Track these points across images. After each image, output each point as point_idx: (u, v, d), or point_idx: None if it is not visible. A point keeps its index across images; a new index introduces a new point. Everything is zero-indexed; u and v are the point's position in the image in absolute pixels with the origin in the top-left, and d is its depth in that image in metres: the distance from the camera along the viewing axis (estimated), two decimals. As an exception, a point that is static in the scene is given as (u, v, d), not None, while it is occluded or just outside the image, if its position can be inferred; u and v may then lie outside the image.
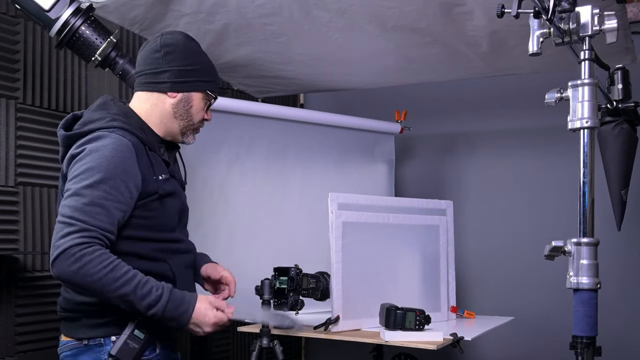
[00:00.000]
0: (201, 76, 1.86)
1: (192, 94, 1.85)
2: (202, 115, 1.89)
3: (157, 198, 1.75)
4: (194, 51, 1.87)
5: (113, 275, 1.56)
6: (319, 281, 2.34)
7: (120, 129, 1.71)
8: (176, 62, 1.82)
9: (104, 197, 1.61)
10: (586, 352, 1.57)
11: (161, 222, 1.78)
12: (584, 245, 1.58)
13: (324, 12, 2.33)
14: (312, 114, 3.15)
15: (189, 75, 1.83)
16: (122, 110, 1.80)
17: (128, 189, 1.66)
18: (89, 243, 1.56)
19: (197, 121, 1.88)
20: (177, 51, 1.83)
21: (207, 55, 1.91)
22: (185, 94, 1.84)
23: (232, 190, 2.83)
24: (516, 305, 3.21)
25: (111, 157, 1.65)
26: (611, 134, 2.33)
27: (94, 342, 1.70)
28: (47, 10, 2.06)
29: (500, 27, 2.29)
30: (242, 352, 3.38)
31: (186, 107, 1.85)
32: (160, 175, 1.77)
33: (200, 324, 1.69)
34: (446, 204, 2.82)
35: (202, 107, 1.88)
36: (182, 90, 1.84)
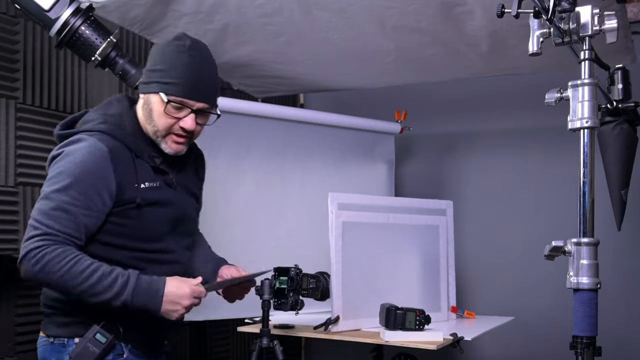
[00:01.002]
0: (159, 77, 1.72)
1: (150, 96, 1.74)
2: (169, 122, 1.73)
3: (135, 206, 1.69)
4: (166, 50, 1.74)
5: (75, 270, 1.55)
6: (319, 281, 2.34)
7: (101, 133, 1.68)
8: (148, 62, 1.77)
9: (70, 203, 1.59)
10: (586, 352, 1.57)
11: (140, 232, 1.72)
12: (584, 245, 1.58)
13: (324, 12, 2.33)
14: (312, 114, 3.15)
15: (150, 76, 1.75)
16: (121, 111, 1.77)
17: (99, 194, 1.63)
18: (49, 245, 1.56)
19: (162, 127, 1.74)
20: (154, 51, 1.78)
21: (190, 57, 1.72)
22: (146, 96, 1.76)
23: (232, 190, 2.83)
24: (516, 305, 3.20)
25: (83, 162, 1.63)
26: (611, 134, 2.33)
27: (58, 341, 1.69)
28: (47, 10, 2.06)
29: (500, 27, 2.29)
30: (242, 352, 3.38)
31: (148, 110, 1.75)
32: (144, 182, 1.71)
33: (177, 300, 1.63)
34: (446, 204, 2.82)
35: (163, 112, 1.71)
36: (143, 91, 1.77)
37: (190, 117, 1.74)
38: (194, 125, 1.75)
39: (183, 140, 1.77)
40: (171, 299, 1.63)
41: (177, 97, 1.70)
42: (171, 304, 1.63)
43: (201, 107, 1.75)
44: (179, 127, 1.74)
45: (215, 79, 1.82)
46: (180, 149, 1.79)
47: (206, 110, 1.77)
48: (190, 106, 1.73)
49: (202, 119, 1.79)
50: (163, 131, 1.75)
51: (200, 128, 1.81)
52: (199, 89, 1.73)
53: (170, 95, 1.70)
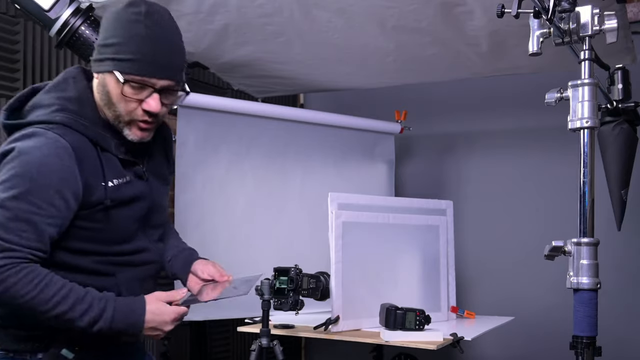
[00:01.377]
0: (113, 53, 1.45)
1: (105, 76, 1.47)
2: (131, 106, 1.48)
3: (103, 209, 1.48)
4: (121, 20, 1.47)
5: (45, 296, 1.36)
6: (319, 281, 2.34)
7: (61, 126, 1.44)
8: (100, 35, 1.50)
9: (31, 212, 1.37)
10: (586, 352, 1.57)
11: (109, 235, 1.52)
12: (584, 245, 1.58)
13: (324, 12, 2.33)
14: (312, 114, 3.15)
15: (102, 51, 1.48)
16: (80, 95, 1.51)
17: (63, 199, 1.41)
18: (12, 264, 1.35)
19: (124, 112, 1.49)
20: (105, 22, 1.50)
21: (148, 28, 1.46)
22: (101, 75, 1.49)
23: (232, 190, 2.83)
24: (516, 305, 3.20)
25: (42, 162, 1.40)
26: (611, 134, 2.33)
27: (20, 356, 1.50)
28: (47, 10, 2.07)
29: (500, 27, 2.29)
30: (242, 352, 3.38)
31: (105, 94, 1.49)
32: (112, 180, 1.49)
33: (158, 326, 1.48)
34: (446, 204, 2.82)
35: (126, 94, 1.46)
36: (96, 70, 1.50)
37: (153, 98, 1.49)
38: (159, 107, 1.50)
39: (149, 125, 1.53)
40: (153, 325, 1.48)
41: (136, 75, 1.45)
42: (152, 330, 1.50)
43: (165, 85, 1.49)
44: (142, 110, 1.49)
45: (179, 50, 1.54)
46: (146, 136, 1.54)
47: (171, 88, 1.52)
48: (152, 85, 1.48)
49: (168, 99, 1.53)
50: (126, 117, 1.50)
51: (166, 109, 1.55)
52: (161, 64, 1.47)
53: (128, 74, 1.45)
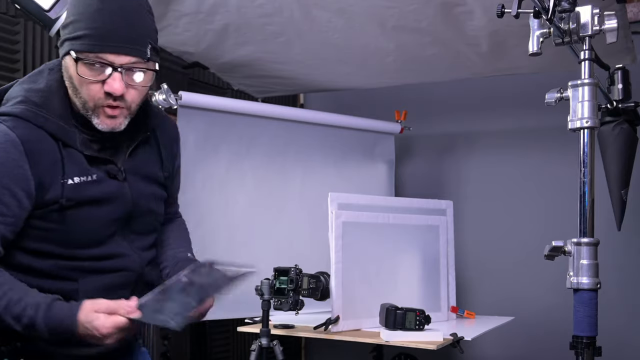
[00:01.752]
0: (69, 32, 1.34)
1: (66, 60, 1.36)
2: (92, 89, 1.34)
3: (58, 208, 1.35)
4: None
5: None
6: (319, 281, 2.34)
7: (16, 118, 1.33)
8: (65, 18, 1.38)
9: None
10: (586, 352, 1.57)
11: (68, 237, 1.38)
12: (584, 245, 1.58)
13: (324, 12, 2.33)
14: (312, 114, 3.15)
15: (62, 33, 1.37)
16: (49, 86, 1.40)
17: (13, 196, 1.30)
18: None
19: (87, 97, 1.35)
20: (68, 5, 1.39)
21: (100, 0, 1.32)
22: (63, 60, 1.38)
23: (232, 190, 2.83)
24: (516, 305, 3.20)
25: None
26: (611, 134, 2.33)
27: None
28: (47, 10, 2.06)
29: (500, 27, 2.29)
30: (242, 352, 3.38)
31: (69, 80, 1.37)
32: (72, 178, 1.36)
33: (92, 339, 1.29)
34: (446, 204, 2.82)
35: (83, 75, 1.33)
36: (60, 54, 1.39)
37: (114, 78, 1.33)
38: (122, 88, 1.34)
39: (117, 111, 1.37)
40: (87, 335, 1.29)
41: (89, 53, 1.32)
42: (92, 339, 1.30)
43: (126, 62, 1.34)
44: (104, 93, 1.34)
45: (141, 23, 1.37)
46: (116, 124, 1.39)
47: (135, 66, 1.36)
48: (109, 63, 1.32)
49: (135, 79, 1.37)
50: (90, 102, 1.36)
51: (138, 92, 1.39)
52: (117, 38, 1.32)
53: (80, 52, 1.32)
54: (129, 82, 1.36)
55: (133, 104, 1.40)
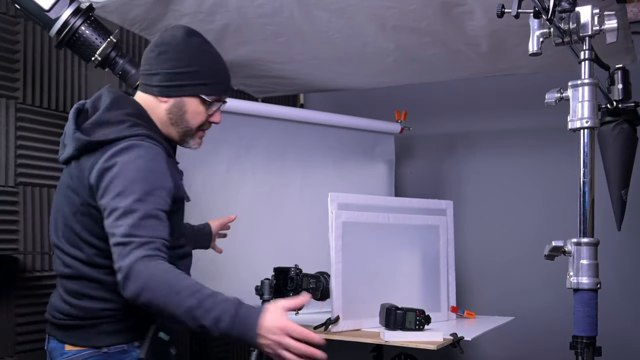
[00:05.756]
0: (195, 79, 1.70)
1: (185, 98, 1.71)
2: (202, 119, 1.75)
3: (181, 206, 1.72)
4: (191, 50, 1.70)
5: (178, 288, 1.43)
6: (319, 281, 2.34)
7: (147, 137, 1.62)
8: (168, 63, 1.69)
9: (155, 208, 1.53)
10: (586, 352, 1.57)
11: (177, 228, 1.71)
12: (584, 245, 1.58)
13: (324, 12, 2.33)
14: (312, 114, 3.15)
15: (179, 78, 1.69)
16: (140, 111, 1.70)
17: (169, 196, 1.60)
18: (151, 256, 1.46)
19: (195, 126, 1.75)
20: (170, 51, 1.69)
21: (211, 54, 1.74)
22: (177, 99, 1.71)
23: (232, 190, 2.83)
24: (516, 305, 3.21)
25: (149, 167, 1.57)
26: (611, 134, 2.33)
27: (115, 348, 1.62)
28: (47, 10, 2.06)
29: (500, 27, 2.29)
30: (242, 352, 3.38)
31: (179, 113, 1.72)
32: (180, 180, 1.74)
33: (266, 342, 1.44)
34: (446, 204, 2.81)
35: (201, 111, 1.73)
36: (172, 95, 1.71)
37: (219, 111, 1.79)
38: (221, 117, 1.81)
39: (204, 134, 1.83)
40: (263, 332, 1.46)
41: (220, 95, 1.76)
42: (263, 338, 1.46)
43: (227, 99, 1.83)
44: (208, 123, 1.78)
45: None
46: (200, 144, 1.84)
47: None
48: (224, 101, 1.80)
49: None
50: (195, 129, 1.77)
51: None
52: (229, 83, 1.80)
53: (213, 95, 1.74)
54: None
55: None
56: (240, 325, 1.43)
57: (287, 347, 1.43)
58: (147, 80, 1.72)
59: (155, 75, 1.70)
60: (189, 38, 1.71)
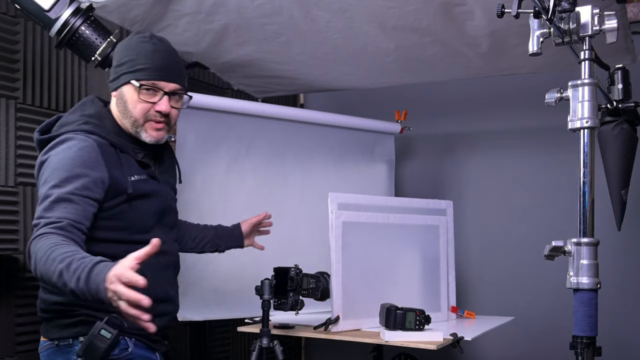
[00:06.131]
0: (128, 67, 1.78)
1: (122, 89, 1.80)
2: (144, 108, 1.78)
3: (127, 199, 1.73)
4: (130, 44, 1.82)
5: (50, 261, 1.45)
6: (319, 281, 2.34)
7: (86, 132, 1.71)
8: (114, 60, 1.84)
9: (70, 193, 1.59)
10: (586, 352, 1.57)
11: (133, 224, 1.76)
12: (584, 245, 1.58)
13: (324, 12, 2.33)
14: (312, 114, 3.15)
15: (118, 70, 1.81)
16: (99, 111, 1.81)
17: (95, 184, 1.65)
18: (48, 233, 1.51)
19: (138, 116, 1.79)
20: (117, 49, 1.85)
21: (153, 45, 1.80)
22: (118, 90, 1.81)
23: (232, 190, 2.83)
24: (516, 305, 3.21)
25: (75, 156, 1.65)
26: (611, 134, 2.33)
27: (63, 342, 1.70)
28: (47, 10, 2.06)
29: (500, 27, 2.29)
30: (242, 352, 3.38)
31: (122, 104, 1.80)
32: (132, 175, 1.75)
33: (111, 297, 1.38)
34: (446, 204, 2.81)
35: (137, 99, 1.77)
36: (114, 87, 1.82)
37: (164, 100, 1.79)
38: (169, 107, 1.80)
39: (162, 125, 1.82)
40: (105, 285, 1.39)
41: (149, 80, 1.77)
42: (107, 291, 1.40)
43: (173, 88, 1.81)
44: (154, 111, 1.79)
45: (180, 62, 1.89)
46: (161, 136, 1.84)
47: (178, 91, 1.83)
48: (162, 88, 1.79)
49: (176, 102, 1.85)
50: (141, 119, 1.79)
51: (176, 112, 1.86)
52: (168, 70, 1.80)
53: (142, 80, 1.76)
54: (172, 104, 1.82)
55: (172, 121, 1.86)
56: (94, 283, 1.39)
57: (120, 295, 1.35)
58: None
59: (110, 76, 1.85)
60: (135, 35, 1.85)
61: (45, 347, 1.75)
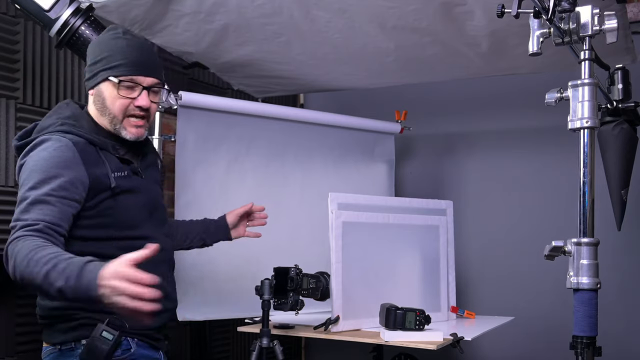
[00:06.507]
0: (104, 64, 1.77)
1: (100, 86, 1.78)
2: (123, 104, 1.77)
3: (111, 195, 1.72)
4: (104, 41, 1.80)
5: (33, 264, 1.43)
6: (319, 281, 2.34)
7: (62, 132, 1.70)
8: (89, 58, 1.82)
9: (46, 194, 1.58)
10: (586, 352, 1.57)
11: (122, 219, 1.75)
12: (584, 245, 1.58)
13: (324, 12, 2.33)
14: (312, 114, 3.15)
15: (94, 68, 1.79)
16: (74, 112, 1.79)
17: (73, 184, 1.63)
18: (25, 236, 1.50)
19: (117, 112, 1.78)
20: (91, 47, 1.83)
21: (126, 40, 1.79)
22: (96, 88, 1.79)
23: (232, 190, 2.83)
24: (516, 305, 3.21)
25: (50, 157, 1.63)
26: (611, 134, 2.33)
27: (66, 346, 1.70)
28: (47, 10, 2.07)
29: (500, 27, 2.29)
30: (242, 352, 3.38)
31: (101, 101, 1.78)
32: (114, 172, 1.74)
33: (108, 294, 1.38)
34: (446, 204, 2.81)
35: (116, 95, 1.76)
36: (92, 85, 1.80)
37: (144, 95, 1.79)
38: (149, 102, 1.80)
39: (142, 122, 1.82)
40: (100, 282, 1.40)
41: (127, 75, 1.76)
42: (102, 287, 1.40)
43: (151, 82, 1.80)
44: (134, 107, 1.78)
45: (156, 56, 1.89)
46: (141, 133, 1.83)
47: (156, 86, 1.83)
48: (140, 83, 1.78)
49: (155, 97, 1.84)
50: (120, 115, 1.78)
51: (155, 107, 1.87)
52: (145, 65, 1.79)
53: (120, 76, 1.75)
54: (150, 99, 1.81)
55: (151, 116, 1.86)
56: (85, 280, 1.39)
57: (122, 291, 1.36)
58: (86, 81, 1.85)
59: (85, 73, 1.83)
60: (107, 32, 1.83)
61: (48, 352, 1.75)
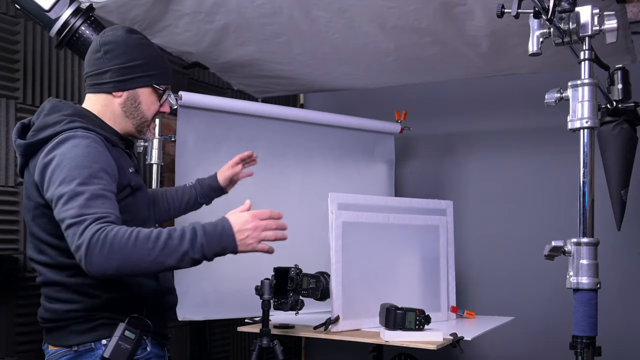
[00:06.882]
0: (145, 70, 1.79)
1: (138, 90, 1.79)
2: (156, 109, 1.84)
3: (131, 192, 1.74)
4: (135, 45, 1.79)
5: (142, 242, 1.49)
6: (319, 281, 2.34)
7: (81, 129, 1.67)
8: (117, 59, 1.76)
9: (101, 189, 1.57)
10: (586, 352, 1.57)
11: (137, 216, 1.75)
12: (584, 245, 1.58)
13: (324, 12, 2.33)
14: (312, 114, 3.15)
15: (131, 71, 1.77)
16: (76, 110, 1.76)
17: (111, 179, 1.64)
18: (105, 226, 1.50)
19: (150, 117, 1.83)
20: (117, 48, 1.77)
21: (153, 47, 1.85)
22: (131, 91, 1.79)
23: (232, 190, 2.82)
24: (516, 305, 3.21)
25: (87, 153, 1.61)
26: (611, 134, 2.33)
27: (84, 347, 1.68)
28: (47, 10, 2.07)
29: (500, 27, 2.29)
30: (242, 352, 3.38)
31: (134, 105, 1.79)
32: (128, 168, 1.76)
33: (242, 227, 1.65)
34: (446, 204, 2.81)
35: (154, 101, 1.82)
36: (126, 88, 1.78)
37: (167, 101, 1.88)
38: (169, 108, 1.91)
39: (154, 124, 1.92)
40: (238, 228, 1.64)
41: (166, 84, 1.85)
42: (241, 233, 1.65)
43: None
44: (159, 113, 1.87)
45: None
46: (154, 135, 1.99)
47: None
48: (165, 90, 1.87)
49: None
50: (150, 119, 1.85)
51: None
52: (171, 72, 1.90)
53: (162, 84, 1.83)
54: None
55: None
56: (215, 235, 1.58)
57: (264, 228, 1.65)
58: (97, 79, 1.78)
59: (106, 72, 1.76)
60: (131, 35, 1.81)
61: (59, 354, 1.70)
